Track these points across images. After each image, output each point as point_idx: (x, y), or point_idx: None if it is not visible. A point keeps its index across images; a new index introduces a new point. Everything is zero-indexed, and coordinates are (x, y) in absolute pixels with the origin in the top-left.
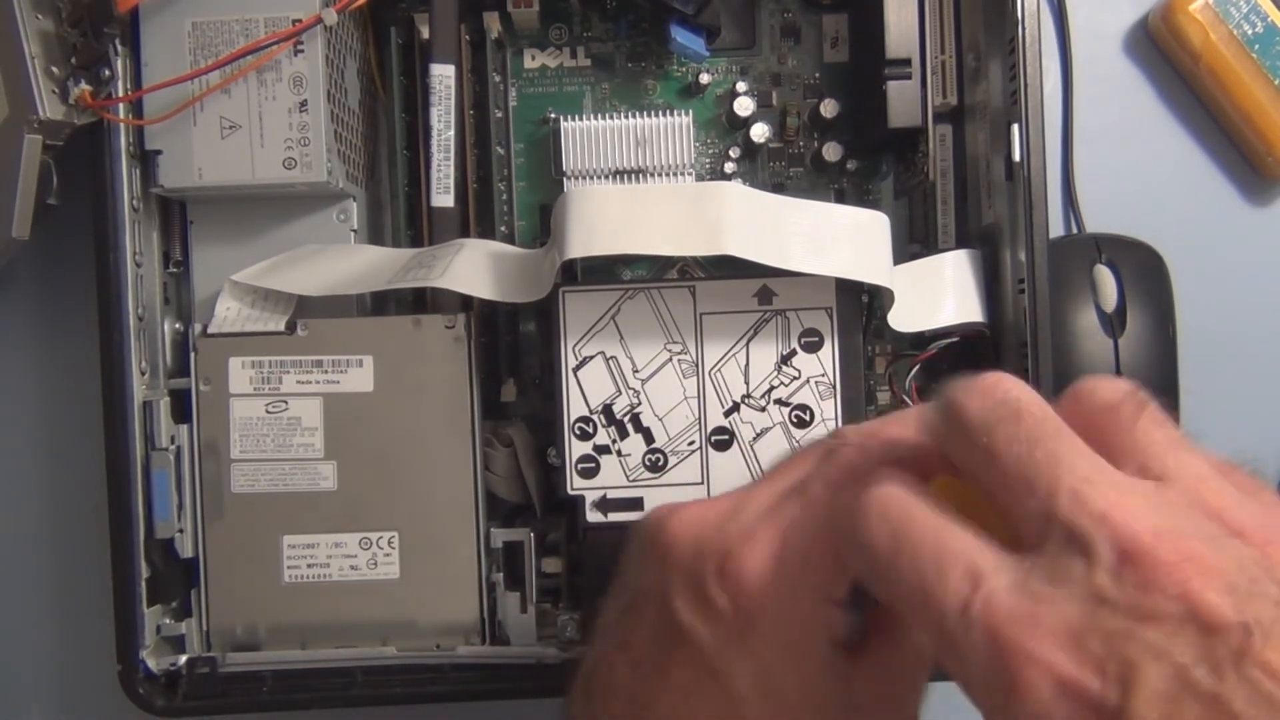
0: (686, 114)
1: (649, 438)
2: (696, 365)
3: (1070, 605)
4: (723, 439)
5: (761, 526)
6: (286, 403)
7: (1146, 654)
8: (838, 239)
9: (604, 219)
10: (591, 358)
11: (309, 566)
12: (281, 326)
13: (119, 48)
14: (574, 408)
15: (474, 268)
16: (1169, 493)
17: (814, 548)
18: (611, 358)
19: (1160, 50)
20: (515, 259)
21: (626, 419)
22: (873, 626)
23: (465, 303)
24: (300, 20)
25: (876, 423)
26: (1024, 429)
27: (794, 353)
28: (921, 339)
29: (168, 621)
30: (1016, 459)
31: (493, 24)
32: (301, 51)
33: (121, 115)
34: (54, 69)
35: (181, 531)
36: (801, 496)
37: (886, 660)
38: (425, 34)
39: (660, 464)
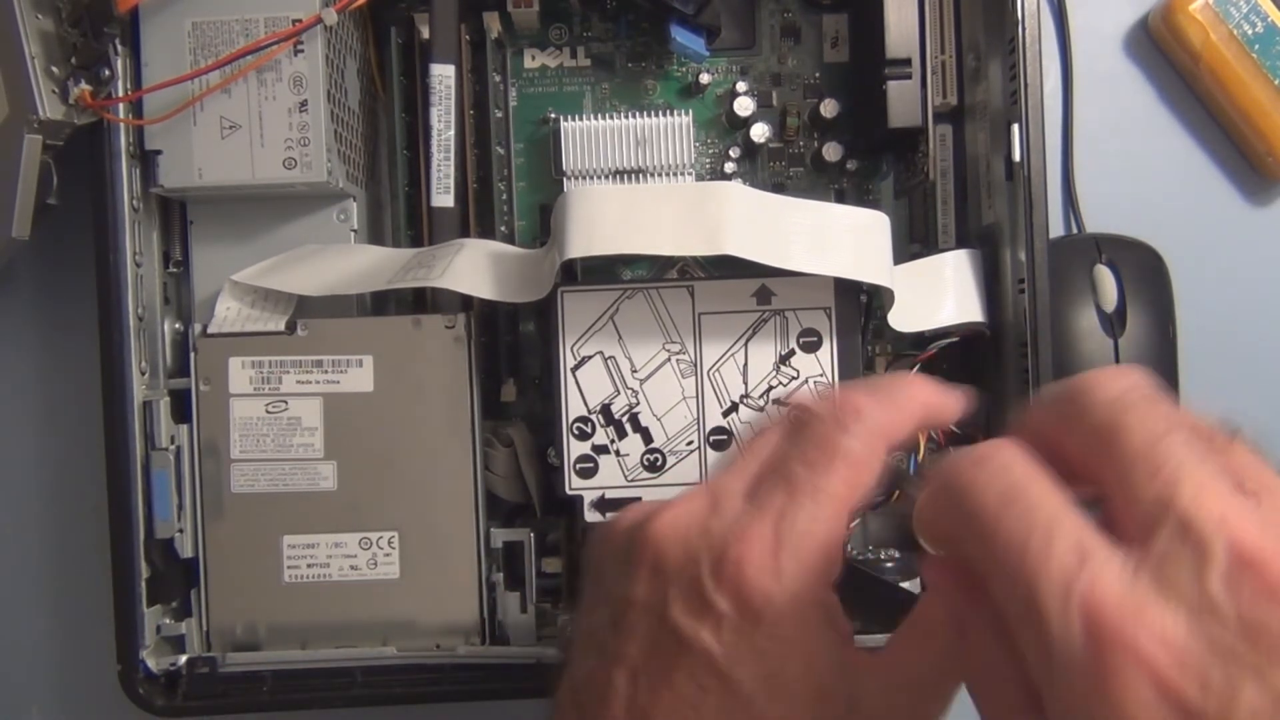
0: (686, 114)
1: (647, 438)
2: (695, 365)
3: (1181, 608)
4: (721, 439)
5: (751, 520)
6: (286, 403)
7: (1250, 671)
8: (838, 239)
9: (604, 219)
10: (590, 358)
11: (309, 566)
12: (281, 326)
13: (119, 48)
14: (572, 408)
15: (474, 267)
16: (1271, 513)
17: (810, 536)
18: (610, 358)
19: (1160, 50)
20: (515, 259)
21: (625, 419)
22: (901, 629)
23: (465, 303)
24: (300, 20)
25: (839, 393)
26: (1160, 416)
27: (793, 353)
28: (921, 339)
29: (168, 621)
30: (1145, 441)
31: (493, 24)
32: (301, 51)
33: (121, 115)
34: (54, 69)
35: (181, 531)
36: (784, 482)
37: (906, 659)
38: (425, 34)
39: (659, 464)
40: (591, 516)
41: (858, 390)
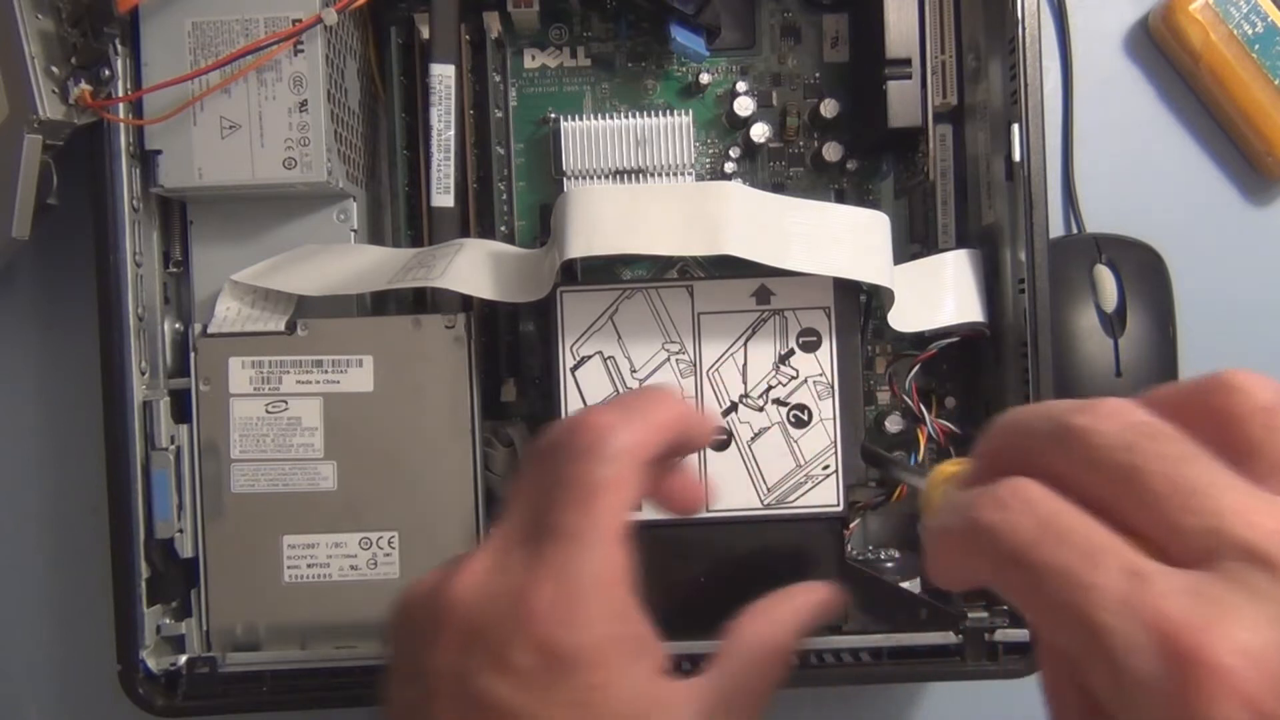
0: (686, 114)
1: None
2: (694, 365)
3: (1262, 622)
4: (720, 439)
5: (533, 576)
6: (286, 403)
7: None
8: (838, 239)
9: (604, 219)
10: (589, 357)
11: (309, 566)
12: (281, 326)
13: (119, 48)
14: (572, 408)
15: (474, 267)
16: None
17: (592, 577)
18: (609, 358)
19: (1160, 50)
20: (515, 259)
21: None
22: (714, 657)
23: (465, 303)
24: (300, 20)
25: (586, 416)
26: (1171, 446)
27: (792, 352)
28: (921, 339)
29: (168, 621)
30: (1166, 475)
31: (493, 24)
32: (301, 51)
33: (121, 115)
34: (54, 69)
35: (181, 531)
36: (551, 529)
37: (716, 684)
38: (425, 34)
39: None
40: None
41: (604, 410)
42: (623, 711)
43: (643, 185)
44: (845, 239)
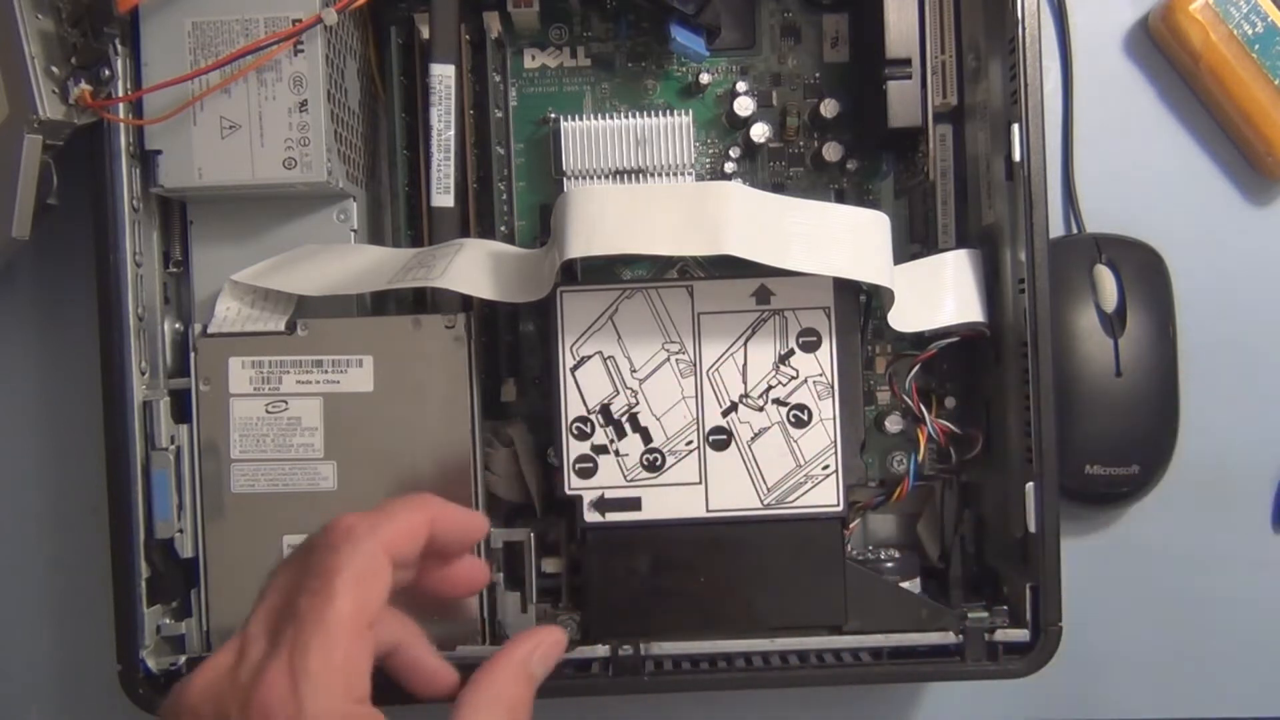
0: (686, 114)
1: (647, 437)
2: (694, 365)
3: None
4: (720, 439)
5: (269, 663)
6: (286, 403)
7: None
8: (838, 239)
9: (604, 219)
10: (589, 357)
11: None
12: (281, 326)
13: (119, 48)
14: (572, 408)
15: (474, 267)
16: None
17: (324, 662)
18: (609, 357)
19: (1160, 50)
20: (515, 259)
21: (624, 419)
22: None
23: (465, 303)
24: (300, 20)
25: (333, 520)
26: None
27: (792, 352)
28: (921, 339)
29: (168, 621)
30: None
31: (493, 24)
32: (301, 51)
33: (121, 115)
34: (54, 69)
35: (181, 531)
36: (293, 617)
37: None
38: (425, 34)
39: (658, 464)
40: (591, 516)
41: (356, 514)
42: None
43: (643, 185)
44: (845, 239)
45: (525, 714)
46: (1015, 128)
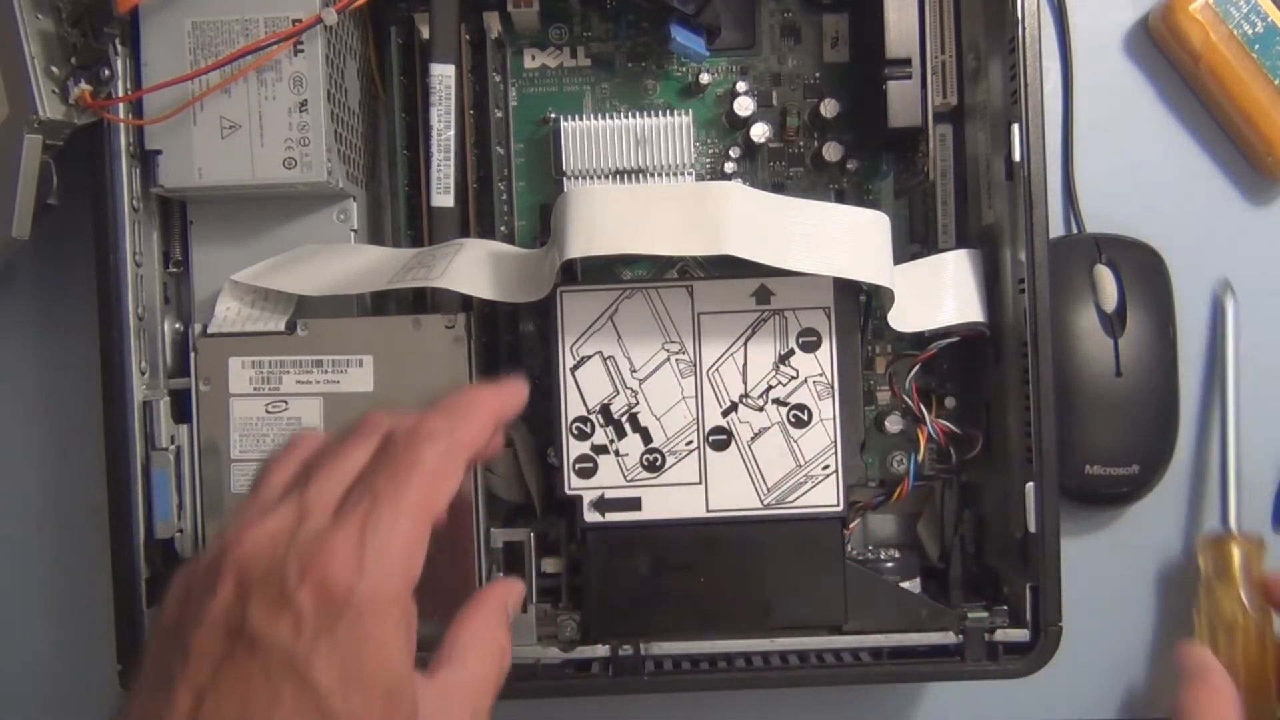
0: (686, 114)
1: (647, 437)
2: (694, 365)
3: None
4: (720, 439)
5: (338, 527)
6: (286, 403)
7: None
8: (838, 239)
9: (604, 219)
10: (589, 357)
11: None
12: (281, 326)
13: (119, 48)
14: (572, 408)
15: (474, 267)
16: None
17: (392, 539)
18: (609, 357)
19: (1160, 50)
20: (515, 259)
21: (624, 419)
22: (441, 656)
23: (465, 303)
24: (300, 20)
25: (418, 418)
26: None
27: (792, 352)
28: (921, 339)
29: None
30: None
31: (493, 24)
32: (301, 51)
33: (121, 115)
34: (54, 69)
35: (181, 531)
36: (369, 493)
37: (446, 682)
38: (425, 34)
39: (658, 464)
40: (591, 516)
41: (431, 415)
42: (384, 665)
43: (643, 185)
44: (846, 239)
45: (508, 654)
46: (1015, 128)
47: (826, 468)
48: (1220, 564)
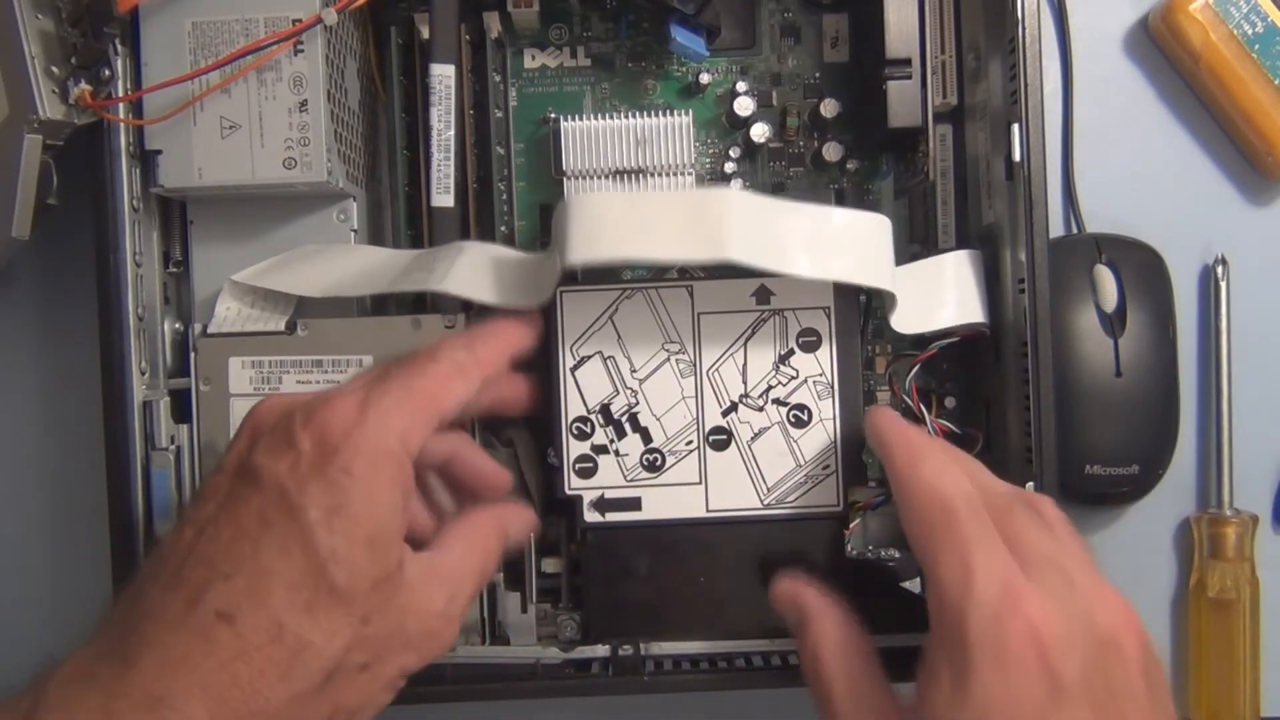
0: (686, 114)
1: (647, 437)
2: (694, 365)
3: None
4: (720, 438)
5: (349, 390)
6: None
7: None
8: (840, 244)
9: (605, 226)
10: (589, 358)
11: None
12: (281, 326)
13: (119, 48)
14: (572, 408)
15: (474, 272)
16: (1048, 580)
17: (394, 405)
18: (609, 358)
19: (1160, 50)
20: (516, 264)
21: (624, 419)
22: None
23: (465, 302)
24: (300, 20)
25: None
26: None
27: (792, 352)
28: (922, 339)
29: None
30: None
31: (493, 24)
32: (301, 51)
33: (121, 115)
34: (54, 69)
35: None
36: (383, 373)
37: (430, 559)
38: (425, 34)
39: (658, 464)
40: (591, 516)
41: (454, 334)
42: (371, 509)
43: (644, 192)
44: (847, 244)
45: (493, 561)
46: (1015, 128)
47: (826, 467)
48: (1215, 541)
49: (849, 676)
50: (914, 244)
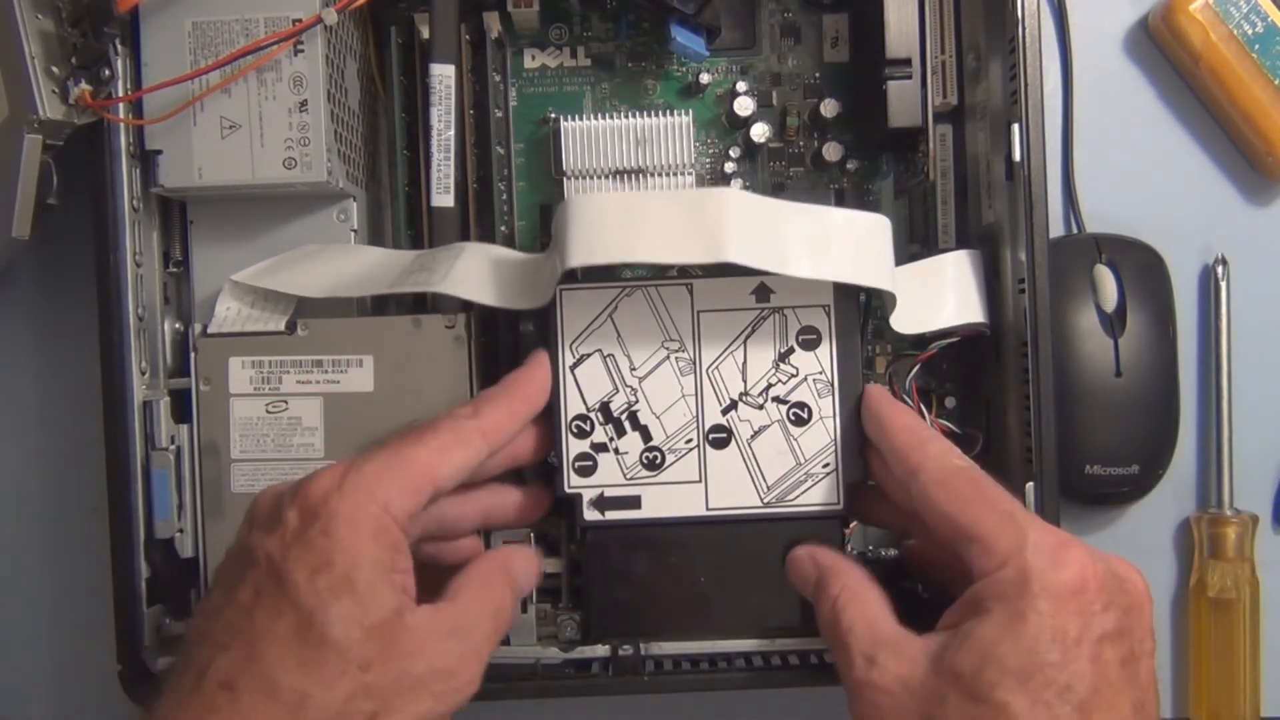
0: (686, 114)
1: (646, 436)
2: (694, 363)
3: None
4: (720, 436)
5: (336, 463)
6: (286, 403)
7: None
8: (840, 244)
9: (605, 227)
10: (589, 356)
11: None
12: (281, 326)
13: (119, 48)
14: (571, 406)
15: (475, 273)
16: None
17: (375, 472)
18: (609, 356)
19: (1160, 50)
20: (516, 264)
21: (624, 417)
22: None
23: (465, 302)
24: (300, 20)
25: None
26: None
27: (791, 350)
28: (922, 339)
29: (168, 621)
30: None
31: (493, 24)
32: (301, 51)
33: (121, 115)
34: (54, 69)
35: (181, 531)
36: (377, 446)
37: (435, 610)
38: (425, 34)
39: (658, 462)
40: (591, 515)
41: (463, 403)
42: (356, 566)
43: (643, 192)
44: (847, 244)
45: (505, 600)
46: (1015, 128)
47: (826, 466)
48: (1215, 541)
49: (871, 624)
50: (914, 244)
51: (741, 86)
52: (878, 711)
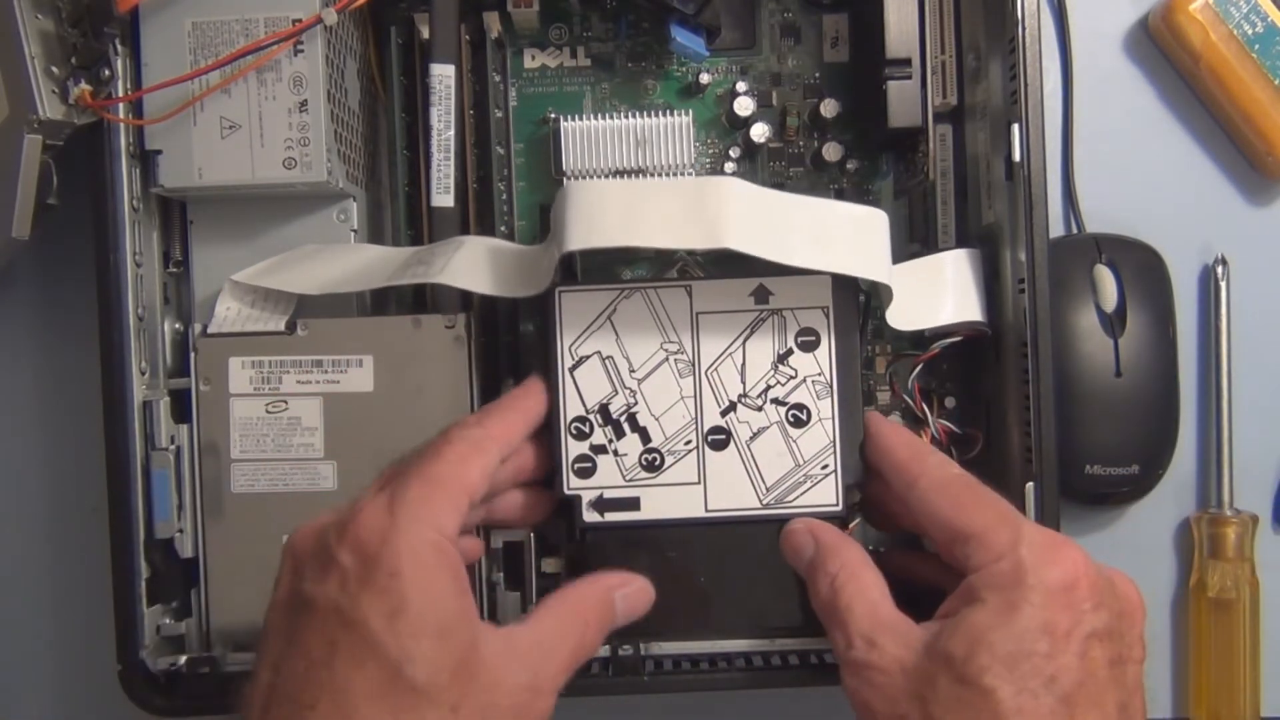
0: (686, 114)
1: (645, 437)
2: (693, 365)
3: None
4: (719, 438)
5: (371, 496)
6: (286, 403)
7: None
8: (837, 234)
9: (604, 212)
10: (588, 357)
11: None
12: (281, 326)
13: (119, 48)
14: (570, 407)
15: (473, 263)
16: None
17: (419, 496)
18: (608, 357)
19: (1160, 50)
20: (514, 254)
21: (623, 418)
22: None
23: (465, 303)
24: (300, 20)
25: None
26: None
27: (790, 352)
28: (922, 339)
29: (168, 621)
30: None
31: (493, 24)
32: (301, 51)
33: (121, 115)
34: (54, 69)
35: (181, 531)
36: (402, 468)
37: (511, 634)
38: (425, 34)
39: (657, 463)
40: (590, 516)
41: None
42: (430, 603)
43: (643, 180)
44: (845, 235)
45: (593, 633)
46: (1015, 128)
47: (825, 467)
48: (1215, 541)
49: (868, 600)
50: (914, 244)
51: (741, 86)
52: (872, 689)
